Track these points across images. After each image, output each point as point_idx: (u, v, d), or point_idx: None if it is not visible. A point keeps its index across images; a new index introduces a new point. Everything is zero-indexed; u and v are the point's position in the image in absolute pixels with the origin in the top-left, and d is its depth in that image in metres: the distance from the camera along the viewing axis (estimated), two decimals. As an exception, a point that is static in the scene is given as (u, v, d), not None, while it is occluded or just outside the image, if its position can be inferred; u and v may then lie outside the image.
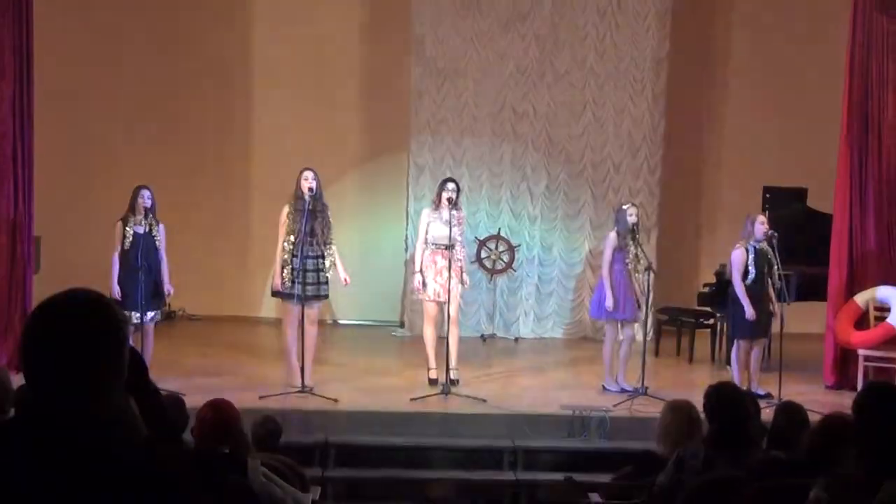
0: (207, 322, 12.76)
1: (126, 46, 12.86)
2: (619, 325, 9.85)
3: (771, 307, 9.67)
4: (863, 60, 10.30)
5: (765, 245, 9.57)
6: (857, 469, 3.88)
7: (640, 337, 10.20)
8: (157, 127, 12.97)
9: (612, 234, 9.88)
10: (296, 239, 9.26)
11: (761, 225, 9.58)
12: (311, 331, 9.45)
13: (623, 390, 9.66)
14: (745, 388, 9.17)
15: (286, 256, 9.36)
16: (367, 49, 13.30)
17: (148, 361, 8.87)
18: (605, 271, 9.82)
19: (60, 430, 2.21)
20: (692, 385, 9.68)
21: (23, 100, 10.05)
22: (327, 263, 9.38)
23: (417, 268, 9.84)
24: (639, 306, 9.85)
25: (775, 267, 9.54)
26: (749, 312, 9.55)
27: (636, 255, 9.56)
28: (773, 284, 9.61)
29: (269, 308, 12.71)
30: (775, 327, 9.75)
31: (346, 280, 9.50)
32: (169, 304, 11.34)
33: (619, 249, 9.69)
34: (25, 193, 10.08)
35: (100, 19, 12.73)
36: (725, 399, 5.41)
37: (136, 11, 12.83)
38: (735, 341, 9.83)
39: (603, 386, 9.90)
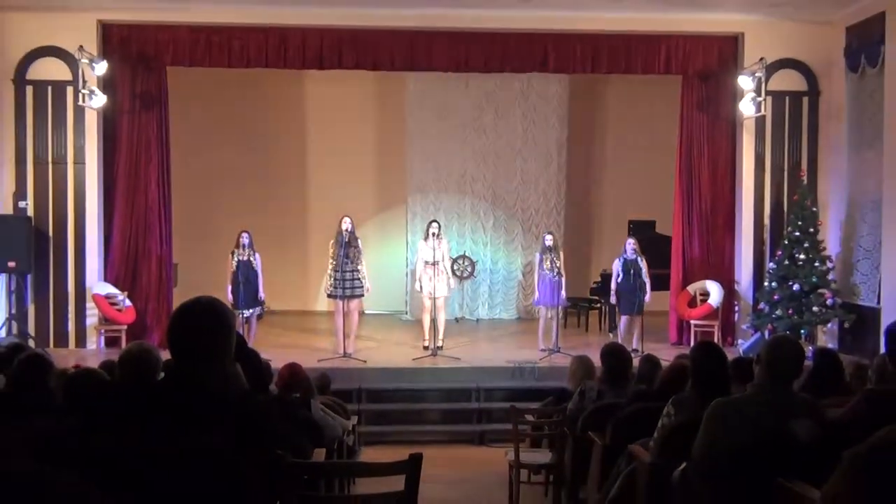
0: (283, 314, 12.62)
1: (229, 135, 12.79)
2: (547, 309, 9.72)
3: (640, 297, 9.32)
4: (688, 140, 10.40)
5: (634, 258, 9.44)
6: (692, 393, 3.91)
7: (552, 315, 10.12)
8: (250, 187, 12.88)
9: (538, 254, 9.89)
10: (336, 260, 9.23)
11: (629, 245, 9.56)
12: (354, 317, 9.41)
13: (547, 349, 9.57)
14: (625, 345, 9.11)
15: (330, 271, 9.32)
16: (380, 137, 13.27)
17: (252, 340, 8.95)
18: (535, 276, 9.83)
19: (193, 385, 2.21)
20: (588, 345, 9.65)
21: (163, 176, 10.05)
22: (357, 275, 9.29)
23: (417, 277, 9.82)
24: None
25: (642, 272, 9.37)
26: (612, 299, 9.66)
27: (552, 265, 9.55)
28: (640, 284, 9.34)
29: (322, 304, 12.65)
30: (647, 308, 9.63)
31: (368, 288, 9.41)
32: (269, 307, 11.20)
33: (542, 262, 9.66)
34: (166, 236, 10.10)
35: (209, 119, 12.67)
36: (613, 352, 5.43)
37: (232, 112, 12.77)
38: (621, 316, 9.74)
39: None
